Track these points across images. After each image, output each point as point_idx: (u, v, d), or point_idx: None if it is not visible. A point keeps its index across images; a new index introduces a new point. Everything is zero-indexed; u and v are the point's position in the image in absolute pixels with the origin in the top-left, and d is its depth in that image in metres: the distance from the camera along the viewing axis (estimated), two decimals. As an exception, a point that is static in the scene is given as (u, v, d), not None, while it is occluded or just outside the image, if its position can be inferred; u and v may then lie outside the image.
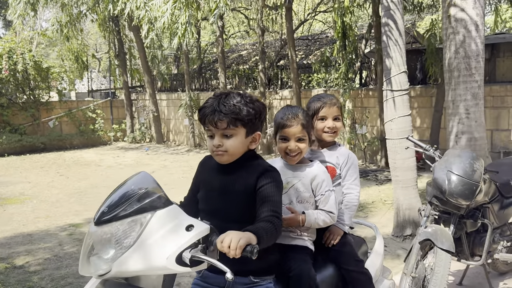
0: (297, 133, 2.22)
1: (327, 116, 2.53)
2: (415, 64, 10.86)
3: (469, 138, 5.12)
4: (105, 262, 1.52)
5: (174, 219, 1.56)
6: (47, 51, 27.86)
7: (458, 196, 3.23)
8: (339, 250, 2.37)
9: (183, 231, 1.52)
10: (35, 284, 4.38)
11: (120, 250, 1.52)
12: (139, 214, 1.54)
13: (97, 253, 1.56)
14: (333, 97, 2.60)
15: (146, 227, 1.52)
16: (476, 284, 4.15)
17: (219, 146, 1.87)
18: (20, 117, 14.72)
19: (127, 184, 1.68)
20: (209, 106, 1.86)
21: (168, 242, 1.50)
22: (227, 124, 1.84)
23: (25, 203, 7.88)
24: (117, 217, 1.54)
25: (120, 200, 1.58)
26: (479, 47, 5.12)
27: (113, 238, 1.53)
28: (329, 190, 2.24)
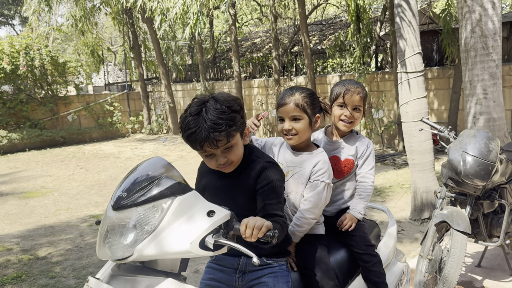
0: (291, 112, 2.12)
1: (347, 104, 2.43)
2: (432, 45, 10.67)
3: (487, 119, 5.02)
4: (125, 247, 1.54)
5: (194, 204, 1.58)
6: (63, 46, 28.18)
7: (474, 177, 3.17)
8: (351, 234, 2.36)
9: (204, 217, 1.55)
10: (57, 274, 4.48)
11: (141, 235, 1.53)
12: (159, 199, 1.55)
13: (114, 237, 1.57)
14: (359, 85, 2.47)
15: (167, 213, 1.54)
16: (495, 265, 4.10)
17: (225, 162, 1.81)
18: (39, 112, 14.98)
19: (142, 169, 1.67)
20: (200, 129, 1.70)
21: (190, 227, 1.53)
22: (227, 139, 1.75)
23: (46, 196, 8.05)
24: (137, 202, 1.55)
25: (138, 185, 1.59)
26: (496, 26, 4.99)
27: (133, 223, 1.55)
28: (321, 181, 2.12)
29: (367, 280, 2.32)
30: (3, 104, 14.08)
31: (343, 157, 2.46)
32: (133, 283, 1.56)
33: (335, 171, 2.42)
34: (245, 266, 1.95)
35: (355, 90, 2.43)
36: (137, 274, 1.59)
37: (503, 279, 3.82)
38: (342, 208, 2.46)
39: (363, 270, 2.33)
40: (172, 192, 1.57)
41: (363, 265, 2.32)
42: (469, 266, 4.08)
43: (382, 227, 2.88)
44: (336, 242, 2.33)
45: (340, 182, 2.47)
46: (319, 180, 2.12)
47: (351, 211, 2.41)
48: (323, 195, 2.13)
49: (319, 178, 2.12)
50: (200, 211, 1.56)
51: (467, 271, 3.98)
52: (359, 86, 2.47)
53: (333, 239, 2.33)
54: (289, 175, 2.20)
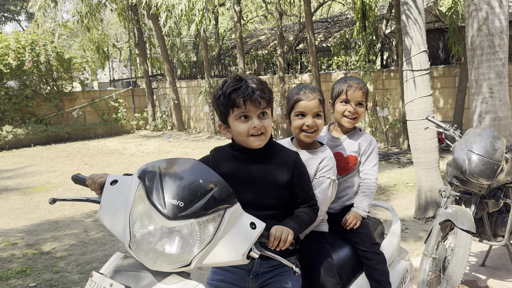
0: (315, 108, 2.13)
1: (350, 100, 2.45)
2: (438, 44, 10.61)
3: (493, 117, 4.99)
4: (179, 256, 1.53)
5: (239, 216, 1.63)
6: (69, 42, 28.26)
7: (479, 176, 3.16)
8: (356, 232, 2.36)
9: (249, 229, 1.61)
10: (61, 269, 4.49)
11: (199, 246, 1.55)
12: (215, 211, 1.57)
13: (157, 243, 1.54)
14: (360, 81, 2.49)
15: (221, 224, 1.58)
16: (500, 264, 4.08)
17: (260, 127, 1.86)
18: (45, 107, 15.03)
19: (189, 174, 1.64)
20: (245, 87, 1.83)
21: (240, 239, 1.60)
22: (267, 103, 1.88)
23: (51, 191, 8.08)
24: (196, 214, 1.54)
25: (193, 194, 1.56)
26: (503, 24, 4.96)
27: (190, 233, 1.54)
28: (328, 178, 2.13)
29: (370, 278, 2.32)
30: (8, 100, 14.13)
31: (346, 153, 2.46)
32: (136, 278, 1.56)
33: (339, 168, 2.42)
34: (259, 267, 1.97)
35: (357, 85, 2.45)
36: (141, 269, 1.59)
37: (507, 278, 3.81)
38: (346, 205, 2.46)
39: (367, 268, 2.32)
40: (224, 203, 1.60)
41: (367, 263, 2.31)
42: (473, 265, 4.07)
43: (386, 225, 2.88)
44: (340, 239, 2.33)
45: (344, 178, 2.46)
46: (324, 177, 2.12)
47: (355, 209, 2.41)
48: (329, 191, 2.13)
49: (324, 175, 2.12)
50: (245, 223, 1.63)
51: (471, 270, 3.97)
52: (360, 81, 2.48)
53: (337, 236, 2.33)
54: None
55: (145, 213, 1.57)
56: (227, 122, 1.92)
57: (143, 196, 1.59)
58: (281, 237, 1.72)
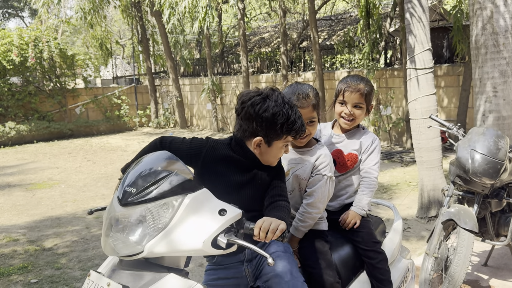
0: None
1: (346, 102, 2.41)
2: (442, 42, 10.56)
3: (496, 117, 4.96)
4: (133, 243, 1.52)
5: (205, 202, 1.57)
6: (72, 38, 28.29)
7: (482, 175, 3.14)
8: (357, 231, 2.35)
9: (216, 215, 1.54)
10: (63, 265, 4.50)
11: (152, 233, 1.51)
12: (170, 196, 1.54)
13: (119, 233, 1.55)
14: (361, 81, 2.42)
15: (178, 210, 1.53)
16: (502, 264, 4.06)
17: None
18: (48, 104, 15.06)
19: (150, 162, 1.64)
20: (295, 120, 1.88)
21: (202, 226, 1.53)
22: None
23: (53, 187, 8.10)
24: (147, 199, 1.53)
25: (147, 180, 1.56)
26: (507, 23, 4.93)
27: (141, 219, 1.53)
28: (323, 175, 2.12)
29: (371, 277, 2.30)
30: (11, 96, 14.16)
31: (346, 151, 2.44)
32: (134, 278, 1.55)
33: (338, 165, 2.40)
34: (251, 254, 1.97)
35: (355, 87, 2.38)
36: (139, 269, 1.57)
37: (509, 278, 3.79)
38: (345, 203, 2.44)
39: (368, 266, 2.31)
40: (183, 189, 1.56)
41: (368, 262, 2.30)
42: (476, 265, 4.05)
43: (388, 224, 2.86)
44: (340, 238, 2.31)
45: (343, 176, 2.44)
46: (321, 174, 2.11)
47: (354, 207, 2.38)
48: (326, 188, 2.12)
49: (321, 172, 2.11)
50: (211, 210, 1.56)
51: (473, 270, 3.95)
52: (361, 82, 2.41)
53: (338, 235, 2.31)
54: (290, 173, 2.19)
55: (111, 205, 1.62)
56: (270, 141, 1.91)
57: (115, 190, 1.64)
58: (269, 228, 1.61)
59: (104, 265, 1.69)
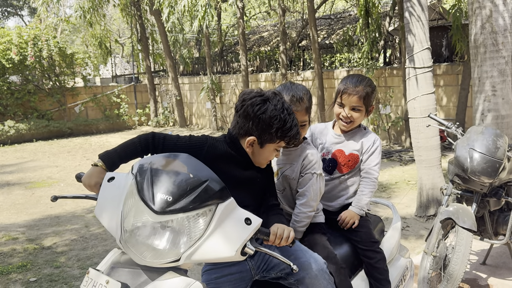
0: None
1: (345, 104, 2.39)
2: (441, 41, 10.56)
3: (495, 116, 4.97)
4: (167, 251, 1.52)
5: (232, 211, 1.62)
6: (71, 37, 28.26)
7: (481, 174, 3.15)
8: (355, 230, 2.35)
9: (244, 224, 1.59)
10: (62, 264, 4.50)
11: (188, 241, 1.53)
12: (205, 206, 1.55)
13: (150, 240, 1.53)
14: (360, 82, 2.38)
15: (212, 220, 1.56)
16: (501, 263, 4.07)
17: None
18: (47, 103, 15.04)
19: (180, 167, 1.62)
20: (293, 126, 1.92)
21: (234, 235, 1.58)
22: None
23: (52, 186, 8.10)
24: (186, 208, 1.52)
25: (183, 189, 1.54)
26: (506, 22, 4.93)
27: (179, 228, 1.53)
28: (312, 173, 2.14)
29: (370, 276, 2.31)
30: (11, 95, 14.14)
31: (347, 151, 2.44)
32: (133, 275, 1.55)
33: (339, 165, 2.40)
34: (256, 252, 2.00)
35: (354, 89, 2.35)
36: (137, 266, 1.58)
37: (508, 277, 3.80)
38: (345, 204, 2.44)
39: (367, 266, 2.31)
40: (216, 198, 1.58)
41: (367, 261, 2.30)
42: (474, 264, 4.06)
43: (386, 223, 2.86)
44: (339, 237, 2.32)
45: (344, 177, 2.44)
46: (310, 173, 2.13)
47: (353, 207, 2.38)
48: (317, 186, 2.13)
49: (310, 171, 2.13)
50: (238, 219, 1.60)
51: (472, 268, 3.96)
52: (360, 84, 2.37)
53: (336, 234, 2.31)
54: (279, 173, 2.20)
55: (135, 208, 1.56)
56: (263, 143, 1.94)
57: (134, 191, 1.58)
58: (283, 235, 1.75)
59: (103, 263, 1.69)
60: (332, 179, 2.44)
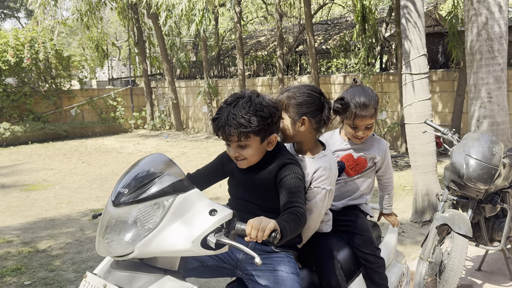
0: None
1: (358, 127, 2.41)
2: (437, 48, 10.63)
3: (491, 122, 5.00)
4: (126, 244, 1.53)
5: (196, 203, 1.58)
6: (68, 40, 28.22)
7: (477, 181, 3.17)
8: (359, 234, 2.36)
9: (206, 215, 1.54)
10: (57, 267, 4.48)
11: (142, 233, 1.52)
12: (161, 197, 1.54)
13: (113, 234, 1.56)
14: (369, 102, 2.35)
15: (169, 210, 1.54)
16: (496, 269, 4.08)
17: (237, 156, 1.90)
18: (43, 105, 14.99)
19: (144, 165, 1.67)
20: (219, 119, 1.83)
21: (192, 226, 1.53)
22: (238, 137, 1.83)
23: (48, 189, 8.06)
24: (138, 199, 1.54)
25: (139, 181, 1.58)
26: (502, 29, 4.97)
27: (133, 220, 1.54)
28: (324, 189, 2.00)
29: (369, 281, 2.31)
30: (6, 97, 14.09)
31: (356, 155, 2.48)
32: (131, 280, 1.56)
33: (347, 169, 2.43)
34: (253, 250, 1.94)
35: (366, 112, 2.34)
36: (135, 270, 1.58)
37: (503, 283, 3.81)
38: (348, 204, 2.46)
39: (367, 270, 2.32)
40: (174, 189, 1.57)
41: (368, 266, 2.31)
42: (469, 270, 4.07)
43: (382, 228, 2.87)
44: (338, 241, 2.31)
45: (352, 180, 2.47)
46: (319, 187, 1.99)
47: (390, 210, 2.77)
48: (324, 203, 2.02)
49: (319, 185, 1.99)
50: (202, 210, 1.56)
51: (467, 274, 3.97)
52: (369, 103, 2.34)
53: (336, 237, 2.31)
54: None
55: (106, 206, 1.64)
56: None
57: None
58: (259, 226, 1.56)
59: (100, 266, 1.70)
60: (339, 181, 2.45)
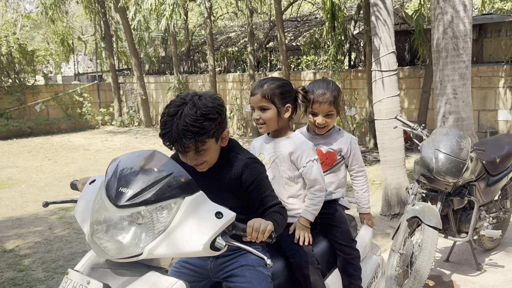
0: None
1: (317, 113, 2.50)
2: (404, 45, 10.88)
3: (456, 118, 5.16)
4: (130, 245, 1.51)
5: (201, 205, 1.59)
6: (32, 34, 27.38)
7: (446, 174, 3.28)
8: (337, 226, 2.42)
9: (214, 218, 1.56)
10: (25, 267, 4.37)
11: (152, 235, 1.52)
12: (169, 199, 1.54)
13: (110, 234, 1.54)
14: (327, 90, 2.49)
15: (177, 213, 1.54)
16: (463, 260, 4.24)
17: (196, 162, 1.88)
18: (6, 101, 14.52)
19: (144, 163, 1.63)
20: (170, 134, 1.78)
21: (201, 229, 1.54)
22: (196, 146, 1.81)
23: (13, 187, 7.83)
24: (146, 201, 1.51)
25: (145, 182, 1.54)
26: (467, 28, 5.12)
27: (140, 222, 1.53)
28: (311, 161, 2.23)
29: (344, 272, 2.37)
30: (-33, 92, 13.60)
31: (324, 150, 2.53)
32: (114, 276, 1.55)
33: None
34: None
35: (323, 98, 2.47)
36: (118, 267, 1.57)
37: (470, 273, 3.96)
38: (326, 200, 2.50)
39: (342, 262, 2.38)
40: (180, 191, 1.56)
41: (343, 257, 2.37)
42: (438, 261, 4.21)
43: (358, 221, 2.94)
44: (316, 234, 2.36)
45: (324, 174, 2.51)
46: (310, 160, 2.23)
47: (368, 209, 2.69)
48: (319, 170, 2.26)
49: (309, 158, 2.23)
50: (208, 213, 1.58)
51: (436, 265, 4.10)
52: (327, 90, 2.49)
53: (314, 230, 2.35)
54: (270, 162, 2.27)
55: (100, 205, 1.58)
56: None
57: (102, 189, 1.60)
58: (260, 228, 1.66)
59: (81, 264, 1.67)
60: None
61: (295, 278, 2.16)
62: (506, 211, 4.25)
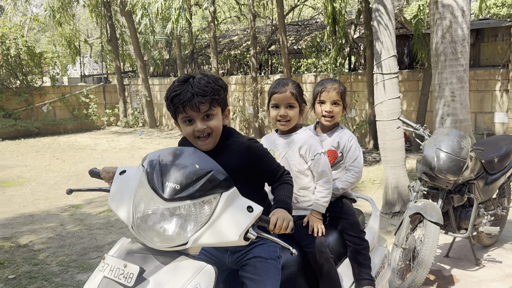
0: (287, 100, 2.39)
1: (325, 100, 2.68)
2: (403, 49, 11.03)
3: (454, 120, 5.26)
4: (176, 235, 1.66)
5: (235, 200, 1.76)
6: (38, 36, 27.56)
7: (447, 172, 3.44)
8: (346, 218, 2.57)
9: (246, 212, 1.73)
10: (40, 261, 4.51)
11: (195, 226, 1.68)
12: (210, 194, 1.69)
13: (155, 225, 1.68)
14: (335, 82, 2.72)
15: (217, 207, 1.70)
16: (462, 256, 4.38)
17: (204, 129, 1.94)
18: (14, 102, 14.70)
19: (188, 160, 1.76)
20: (185, 92, 1.88)
21: (237, 221, 1.72)
22: (209, 106, 1.91)
23: (23, 185, 8.00)
24: (192, 196, 1.67)
25: (190, 178, 1.69)
26: (465, 32, 5.24)
27: (186, 214, 1.68)
28: (318, 154, 2.39)
29: (354, 261, 2.51)
30: (-24, 93, 13.79)
31: (326, 148, 2.66)
32: (147, 260, 1.68)
33: None
34: (235, 247, 2.09)
35: (332, 86, 2.68)
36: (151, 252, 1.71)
37: (469, 268, 4.11)
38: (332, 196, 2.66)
39: (353, 252, 2.52)
40: (220, 187, 1.73)
41: (354, 248, 2.51)
42: (438, 256, 4.34)
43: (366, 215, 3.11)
44: (327, 226, 2.49)
45: None
46: (318, 153, 2.38)
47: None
48: (326, 162, 2.41)
49: (317, 152, 2.38)
50: (241, 206, 1.75)
51: (436, 260, 4.21)
52: (335, 82, 2.71)
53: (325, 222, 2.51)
54: (280, 158, 2.42)
55: (146, 197, 1.72)
56: (176, 118, 2.03)
57: (144, 182, 1.74)
58: (282, 225, 1.84)
59: (114, 249, 1.80)
60: None
61: (308, 266, 2.30)
62: (504, 209, 4.40)
